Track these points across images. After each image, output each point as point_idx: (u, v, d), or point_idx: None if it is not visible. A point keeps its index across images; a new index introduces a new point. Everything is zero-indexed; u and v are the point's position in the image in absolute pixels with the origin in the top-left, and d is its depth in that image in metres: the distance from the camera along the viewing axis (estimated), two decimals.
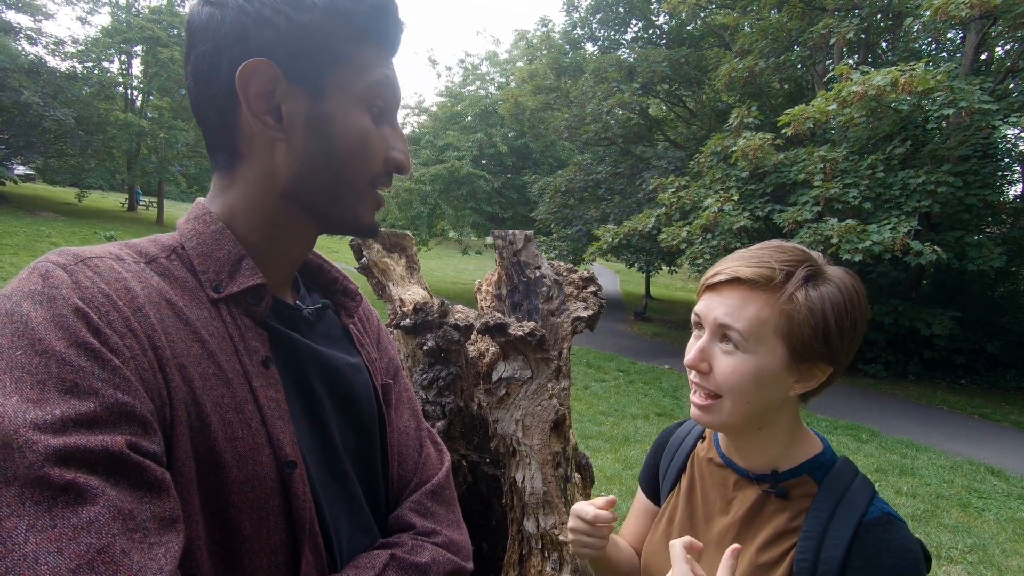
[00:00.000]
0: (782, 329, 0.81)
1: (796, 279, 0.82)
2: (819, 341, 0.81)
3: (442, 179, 18.03)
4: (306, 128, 0.66)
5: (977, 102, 7.36)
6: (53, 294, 0.54)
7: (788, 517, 0.85)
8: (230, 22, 0.63)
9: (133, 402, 0.52)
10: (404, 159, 0.72)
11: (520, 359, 1.49)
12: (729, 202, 9.16)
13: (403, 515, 0.78)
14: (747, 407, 0.83)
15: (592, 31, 16.99)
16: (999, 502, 5.13)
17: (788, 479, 0.87)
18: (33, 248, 13.64)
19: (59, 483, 0.46)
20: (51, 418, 0.48)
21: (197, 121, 0.70)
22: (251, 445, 0.61)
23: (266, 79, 0.64)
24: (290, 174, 0.67)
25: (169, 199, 29.55)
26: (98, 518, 0.46)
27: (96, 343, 0.53)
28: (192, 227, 0.68)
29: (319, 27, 0.64)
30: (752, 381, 0.82)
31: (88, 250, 0.61)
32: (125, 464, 0.50)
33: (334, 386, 0.74)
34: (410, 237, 1.98)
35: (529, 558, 1.48)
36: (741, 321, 0.82)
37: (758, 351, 0.82)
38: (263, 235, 0.70)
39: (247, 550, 0.60)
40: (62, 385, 0.50)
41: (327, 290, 0.85)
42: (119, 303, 0.57)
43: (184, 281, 0.64)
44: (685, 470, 1.03)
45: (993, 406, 8.95)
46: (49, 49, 22.39)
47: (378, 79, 0.69)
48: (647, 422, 6.72)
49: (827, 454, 0.89)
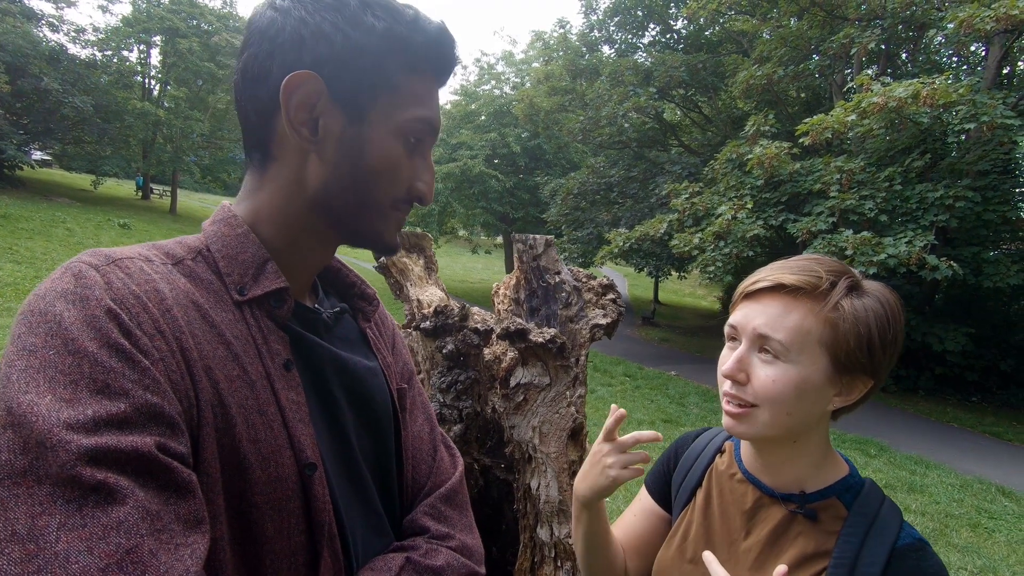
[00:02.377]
0: (826, 339, 0.79)
1: (840, 288, 0.81)
2: (863, 352, 0.79)
3: (454, 177, 18.07)
4: (339, 145, 0.67)
5: (999, 117, 7.28)
6: (86, 294, 0.54)
7: (816, 540, 0.83)
8: (289, 31, 0.64)
9: (162, 403, 0.53)
10: (427, 191, 0.73)
11: (539, 365, 1.48)
12: (743, 210, 9.10)
13: (417, 519, 0.79)
14: (787, 419, 0.81)
15: (610, 34, 16.96)
16: (1010, 523, 5.06)
17: (817, 500, 0.85)
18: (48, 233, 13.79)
19: (90, 483, 0.46)
20: (83, 418, 0.48)
21: (239, 117, 0.70)
22: (273, 447, 0.61)
23: (310, 92, 0.64)
24: (317, 185, 0.68)
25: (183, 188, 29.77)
26: (127, 518, 0.47)
27: (127, 344, 0.53)
28: (218, 229, 0.69)
29: (374, 51, 0.65)
30: (794, 391, 0.80)
31: (119, 251, 0.62)
32: (154, 465, 0.50)
33: (352, 389, 0.74)
34: (429, 238, 1.97)
35: (541, 566, 1.46)
36: (782, 331, 0.80)
37: (800, 361, 0.80)
38: (286, 240, 0.70)
39: (269, 551, 0.61)
40: (94, 385, 0.50)
41: (345, 294, 0.85)
42: (149, 305, 0.57)
43: (209, 283, 0.65)
44: (701, 485, 1.01)
45: (1005, 424, 8.84)
46: (70, 36, 22.68)
47: (420, 116, 0.69)
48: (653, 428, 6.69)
49: (854, 476, 0.87)
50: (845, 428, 7.67)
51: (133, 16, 23.76)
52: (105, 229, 16.31)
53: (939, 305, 11.90)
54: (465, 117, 21.06)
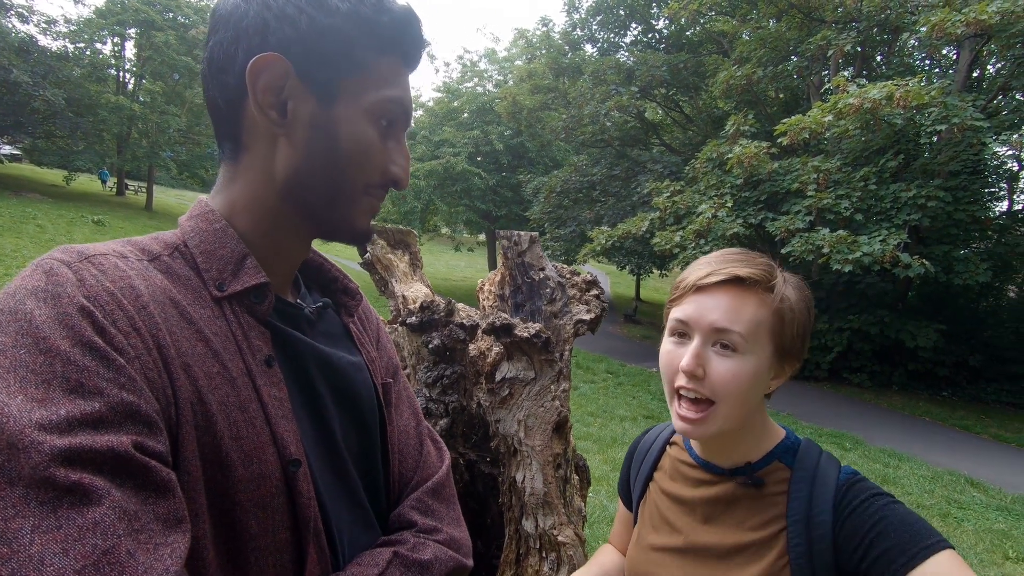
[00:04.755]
0: (775, 328, 0.83)
1: (781, 280, 0.86)
2: (800, 339, 0.86)
3: (437, 175, 18.00)
4: (310, 128, 0.66)
5: (969, 119, 7.49)
6: (58, 292, 0.53)
7: (769, 504, 0.87)
8: (253, 15, 0.64)
9: (138, 402, 0.52)
10: (402, 175, 0.72)
11: (524, 360, 1.50)
12: (723, 208, 9.23)
13: (404, 513, 0.79)
14: (742, 410, 0.84)
15: (592, 33, 17.03)
16: (978, 513, 5.22)
17: (762, 467, 0.88)
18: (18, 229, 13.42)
19: (64, 484, 0.45)
20: (56, 418, 0.47)
21: (208, 108, 0.70)
22: (256, 444, 0.61)
23: (276, 74, 0.64)
24: (288, 171, 0.67)
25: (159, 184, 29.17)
26: (103, 519, 0.46)
27: (101, 342, 0.52)
28: (195, 224, 0.68)
29: (339, 32, 0.65)
30: (750, 383, 0.82)
31: (92, 247, 0.61)
32: (131, 464, 0.49)
33: (336, 384, 0.74)
34: (414, 234, 1.98)
35: (526, 558, 1.48)
36: (740, 323, 0.81)
37: (754, 351, 0.82)
38: (263, 233, 0.70)
39: (253, 548, 0.60)
40: (67, 385, 0.49)
41: (327, 289, 0.85)
42: (124, 302, 0.56)
43: (187, 279, 0.64)
44: (653, 477, 1.03)
45: (974, 418, 9.11)
46: (41, 28, 22.07)
47: (390, 96, 0.69)
48: (635, 424, 6.77)
49: (791, 438, 0.92)
50: (821, 423, 7.85)
51: (107, 7, 23.15)
52: (78, 225, 15.92)
53: (912, 302, 12.22)
54: (448, 114, 20.97)
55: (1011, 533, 4.84)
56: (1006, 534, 4.80)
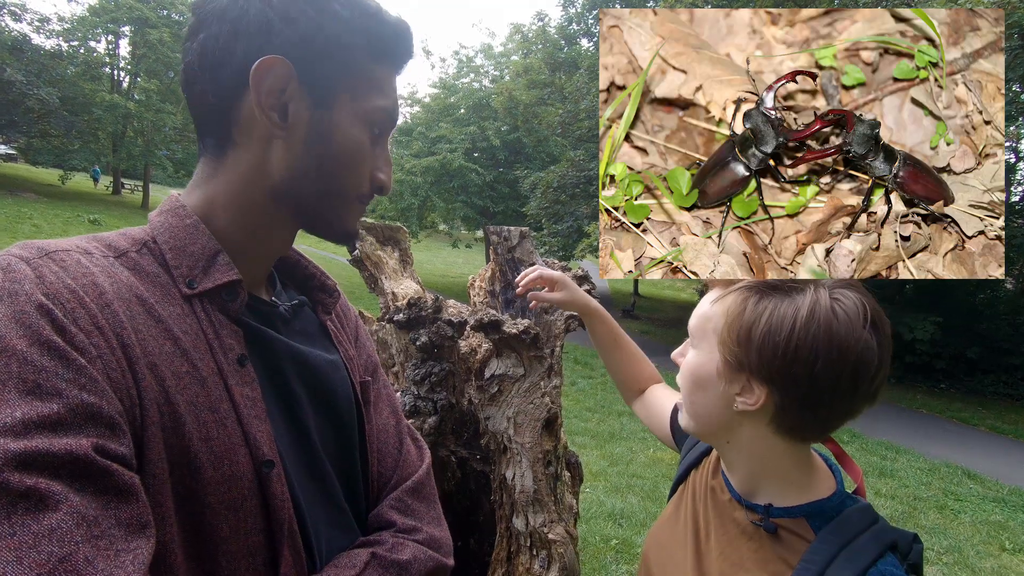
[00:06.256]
0: (719, 328, 0.77)
1: (749, 283, 0.78)
2: (738, 345, 0.73)
3: (433, 171, 17.94)
4: (308, 131, 0.66)
5: None
6: (15, 289, 0.51)
7: (776, 554, 0.78)
8: (254, 14, 0.63)
9: (100, 403, 0.50)
10: (387, 181, 0.74)
11: (513, 357, 1.48)
12: None
13: (383, 513, 0.77)
14: (692, 407, 0.83)
15: (588, 27, 16.97)
16: (974, 504, 5.23)
17: (781, 517, 0.79)
18: (14, 229, 13.37)
19: (19, 489, 0.44)
20: (11, 421, 0.46)
21: (188, 99, 0.68)
22: (227, 445, 0.60)
23: (280, 77, 0.64)
24: (283, 172, 0.67)
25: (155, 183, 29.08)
26: (60, 525, 0.44)
27: (60, 341, 0.50)
28: (165, 220, 0.67)
29: (340, 37, 0.66)
30: (691, 377, 0.82)
31: (54, 243, 0.59)
32: (90, 468, 0.48)
33: (312, 384, 0.73)
34: (404, 231, 1.96)
35: (517, 555, 1.48)
36: (693, 318, 0.84)
37: (701, 347, 0.81)
38: (242, 229, 0.69)
39: (224, 552, 0.59)
40: (23, 386, 0.48)
41: (304, 286, 0.83)
42: (86, 299, 0.54)
43: (155, 276, 0.63)
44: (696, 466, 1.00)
45: (971, 410, 9.13)
46: (34, 26, 21.92)
47: (385, 105, 0.70)
48: (632, 419, 6.76)
49: (833, 501, 0.78)
50: None
51: (100, 5, 23.02)
52: (74, 225, 15.86)
53: (909, 295, 12.22)
54: (444, 110, 20.89)
55: (1007, 524, 4.85)
56: (1002, 525, 4.82)
